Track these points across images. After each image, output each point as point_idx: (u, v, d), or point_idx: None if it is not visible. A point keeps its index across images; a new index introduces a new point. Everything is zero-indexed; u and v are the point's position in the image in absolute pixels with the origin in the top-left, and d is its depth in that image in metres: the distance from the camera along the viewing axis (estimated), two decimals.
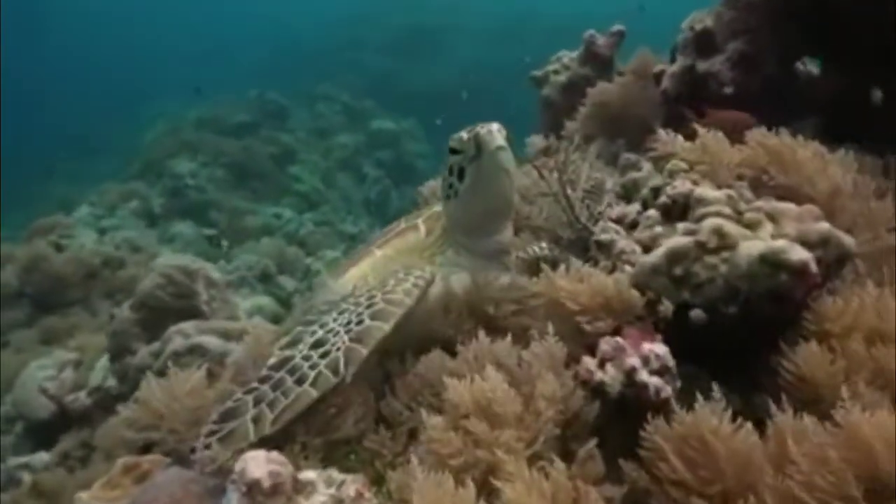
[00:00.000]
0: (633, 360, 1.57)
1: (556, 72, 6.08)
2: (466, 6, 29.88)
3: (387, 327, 1.87)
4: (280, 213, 15.79)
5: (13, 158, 22.21)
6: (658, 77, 3.97)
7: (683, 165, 2.10)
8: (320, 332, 1.89)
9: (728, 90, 3.57)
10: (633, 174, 2.84)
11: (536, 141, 5.29)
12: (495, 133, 2.07)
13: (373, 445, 1.78)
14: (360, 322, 1.89)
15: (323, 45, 29.15)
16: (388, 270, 2.14)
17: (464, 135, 2.13)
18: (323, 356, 1.82)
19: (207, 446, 1.69)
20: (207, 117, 20.06)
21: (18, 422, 6.43)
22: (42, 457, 5.46)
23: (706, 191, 1.93)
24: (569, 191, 2.18)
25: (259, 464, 1.54)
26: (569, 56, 6.07)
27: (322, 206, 17.79)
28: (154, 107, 24.54)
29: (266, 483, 1.51)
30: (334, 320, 1.93)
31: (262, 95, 21.76)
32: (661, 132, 2.34)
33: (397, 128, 22.77)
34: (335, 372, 1.78)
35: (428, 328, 2.03)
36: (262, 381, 1.80)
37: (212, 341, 3.89)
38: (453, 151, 2.16)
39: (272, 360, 1.85)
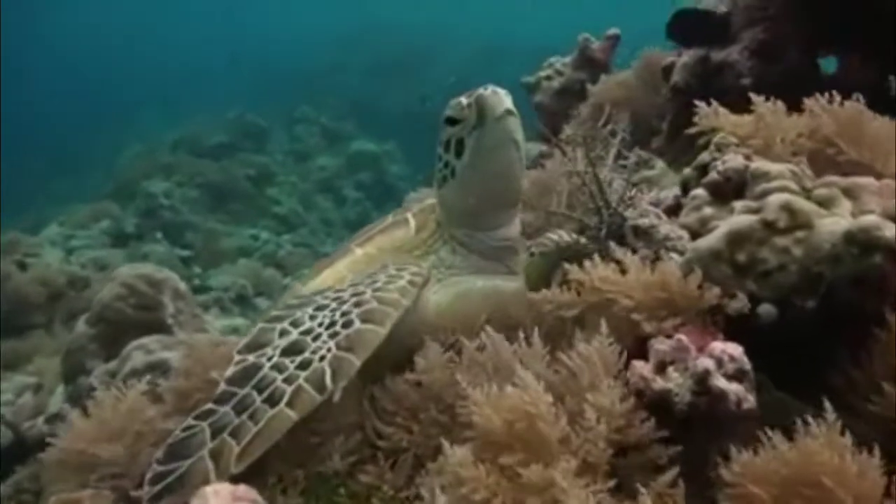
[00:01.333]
0: (706, 363, 1.22)
1: (548, 77, 5.85)
2: (447, 31, 30.02)
3: (382, 331, 1.49)
4: (257, 234, 15.42)
5: None
6: (667, 70, 3.69)
7: (733, 139, 1.78)
8: (294, 334, 1.51)
9: (746, 81, 3.29)
10: (646, 172, 2.55)
11: (534, 148, 5.02)
12: (501, 95, 1.73)
13: (368, 479, 1.41)
14: (347, 324, 1.51)
15: (303, 68, 29.10)
16: (371, 270, 1.78)
17: (463, 100, 1.77)
18: (302, 366, 1.43)
19: (154, 498, 1.29)
20: (184, 138, 19.76)
21: None
22: None
23: (766, 164, 1.61)
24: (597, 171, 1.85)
25: (223, 500, 1.17)
26: (561, 61, 5.85)
27: (300, 229, 17.49)
28: (132, 127, 24.24)
29: None
30: (311, 318, 1.55)
31: (241, 117, 21.50)
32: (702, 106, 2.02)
33: (378, 149, 22.61)
34: (319, 388, 1.39)
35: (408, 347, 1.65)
36: (221, 400, 1.40)
37: (176, 357, 3.44)
38: (450, 122, 1.80)
39: (231, 371, 1.45)
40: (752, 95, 1.91)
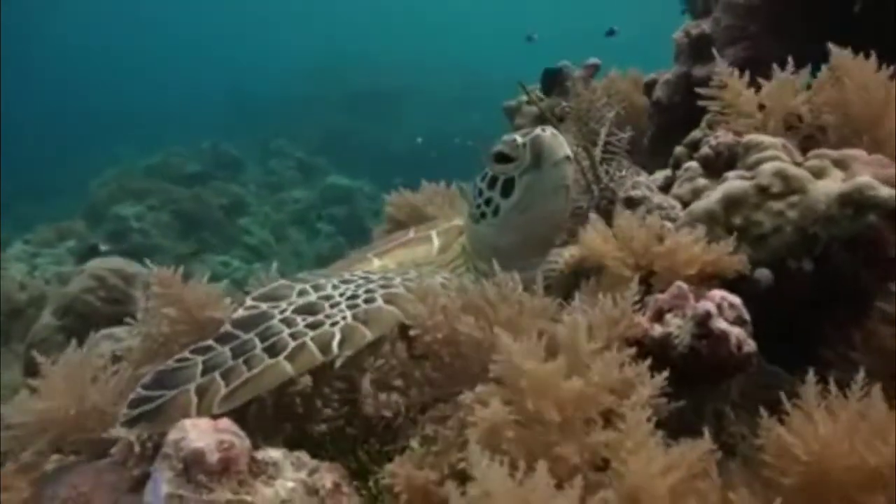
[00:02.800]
0: (708, 304, 1.20)
1: (529, 102, 5.94)
2: (423, 68, 30.46)
3: (402, 316, 1.43)
4: (228, 262, 15.27)
5: None
6: (649, 86, 3.76)
7: (724, 119, 1.80)
8: (313, 296, 1.47)
9: None
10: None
11: None
12: (561, 140, 1.68)
13: (354, 432, 1.35)
14: (370, 300, 1.47)
15: (278, 100, 29.26)
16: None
17: (518, 138, 1.71)
18: (311, 326, 1.39)
19: (131, 421, 1.22)
20: (158, 165, 19.67)
21: None
22: None
23: (759, 136, 1.63)
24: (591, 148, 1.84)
25: (203, 432, 1.11)
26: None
27: (271, 259, 17.30)
28: (105, 154, 24.05)
29: (212, 457, 1.07)
30: (334, 287, 1.51)
31: (216, 147, 21.50)
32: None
33: (352, 184, 22.68)
34: (324, 350, 1.34)
35: None
36: (221, 339, 1.35)
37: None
38: (500, 159, 1.72)
39: (239, 313, 1.41)
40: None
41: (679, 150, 1.84)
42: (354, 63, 30.66)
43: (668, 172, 1.88)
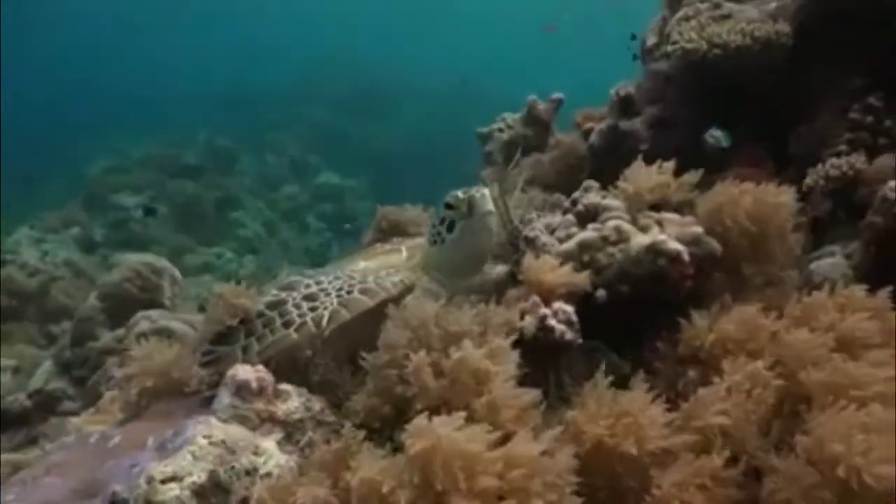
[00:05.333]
0: (546, 311, 2.04)
1: (500, 130, 6.70)
2: (416, 67, 30.90)
3: (371, 303, 2.23)
4: (221, 253, 15.96)
5: None
6: (587, 133, 4.60)
7: (595, 184, 2.64)
8: (314, 287, 2.27)
9: (644, 147, 4.19)
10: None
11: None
12: (488, 198, 2.45)
13: (334, 378, 2.17)
14: (350, 292, 2.27)
15: (274, 96, 29.58)
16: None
17: (460, 194, 2.47)
18: (312, 309, 2.20)
19: (204, 364, 2.06)
20: (154, 155, 20.19)
21: None
22: None
23: (611, 201, 2.47)
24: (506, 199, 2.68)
25: (247, 371, 1.94)
26: (512, 117, 6.71)
27: (262, 252, 17.98)
28: (99, 143, 24.41)
29: (254, 385, 1.91)
30: (329, 283, 2.31)
31: (211, 140, 22.04)
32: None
33: (342, 183, 23.28)
34: (317, 325, 2.15)
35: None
36: (257, 316, 2.17)
37: (178, 325, 4.20)
38: (447, 206, 2.49)
39: (268, 299, 2.23)
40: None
41: (566, 203, 2.67)
42: (349, 61, 30.95)
43: (560, 216, 2.70)
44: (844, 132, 3.31)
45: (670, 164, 2.62)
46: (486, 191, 2.46)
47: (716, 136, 4.10)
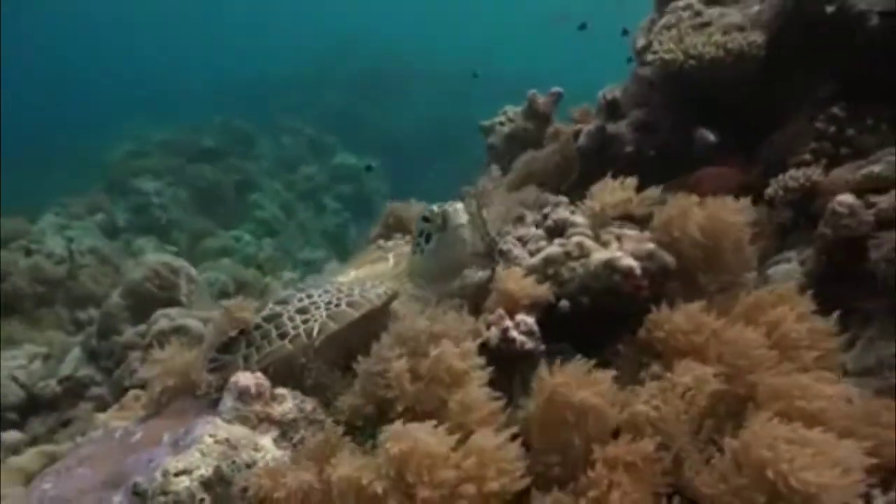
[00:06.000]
0: (508, 323, 2.32)
1: (501, 123, 6.94)
2: (431, 48, 30.96)
3: (356, 314, 2.50)
4: (239, 236, 16.34)
5: None
6: (576, 135, 4.82)
7: (564, 199, 2.89)
8: (306, 301, 2.55)
9: (629, 149, 4.42)
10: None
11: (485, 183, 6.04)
12: (460, 212, 2.69)
13: (325, 380, 2.47)
14: (338, 305, 2.55)
15: (290, 79, 29.79)
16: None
17: (435, 208, 2.74)
18: (304, 322, 2.48)
19: (211, 370, 2.36)
20: (172, 140, 20.53)
21: None
22: (13, 434, 5.95)
23: (577, 217, 2.72)
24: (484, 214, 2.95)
25: (248, 378, 2.24)
26: (514, 110, 6.94)
27: (280, 234, 18.32)
28: (120, 125, 24.79)
29: (253, 390, 2.21)
30: (319, 296, 2.58)
31: (228, 122, 22.32)
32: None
33: (359, 163, 23.50)
34: (309, 336, 2.44)
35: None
36: (256, 327, 2.47)
37: (194, 323, 4.56)
38: (425, 219, 2.76)
39: (265, 312, 2.52)
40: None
41: (538, 218, 2.93)
42: (365, 43, 31.03)
43: (534, 229, 2.96)
44: (811, 141, 3.52)
45: (632, 180, 2.87)
46: (459, 206, 2.72)
47: (704, 135, 4.32)
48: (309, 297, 2.57)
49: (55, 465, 2.38)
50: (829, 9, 3.40)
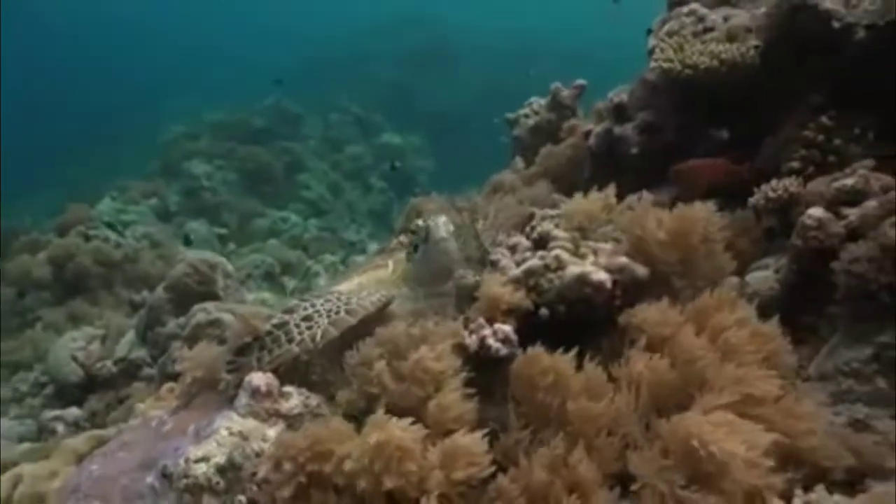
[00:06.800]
0: (486, 331, 2.62)
1: (526, 116, 7.15)
2: (479, 26, 30.91)
3: (353, 321, 2.83)
4: (286, 217, 16.90)
5: (33, 144, 23.41)
6: (587, 135, 5.03)
7: (551, 212, 3.16)
8: (310, 310, 2.90)
9: (634, 150, 4.62)
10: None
11: (507, 176, 6.29)
12: (441, 227, 3.01)
13: (329, 377, 2.82)
14: (338, 312, 2.89)
15: (338, 57, 30.15)
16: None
17: (420, 223, 3.10)
18: (308, 328, 2.84)
19: (229, 371, 2.74)
20: (224, 121, 21.19)
21: (48, 385, 7.54)
22: (73, 411, 6.56)
23: (559, 232, 2.99)
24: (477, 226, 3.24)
25: (259, 378, 2.60)
26: (538, 103, 7.15)
27: (327, 214, 18.81)
28: (172, 105, 25.59)
29: (263, 389, 2.57)
30: (322, 304, 2.93)
31: (278, 103, 22.85)
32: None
33: (404, 143, 23.85)
34: (312, 340, 2.79)
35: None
36: (267, 333, 2.83)
37: (227, 317, 5.02)
38: (412, 231, 3.13)
39: (275, 320, 2.88)
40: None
41: (528, 229, 3.20)
42: (413, 21, 31.10)
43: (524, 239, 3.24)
44: (801, 148, 3.68)
45: (611, 191, 3.14)
46: (441, 220, 3.05)
47: (716, 133, 4.48)
48: (313, 306, 2.91)
49: (102, 449, 2.80)
50: (817, 24, 3.54)
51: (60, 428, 6.23)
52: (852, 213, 3.05)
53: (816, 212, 3.04)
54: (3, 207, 14.79)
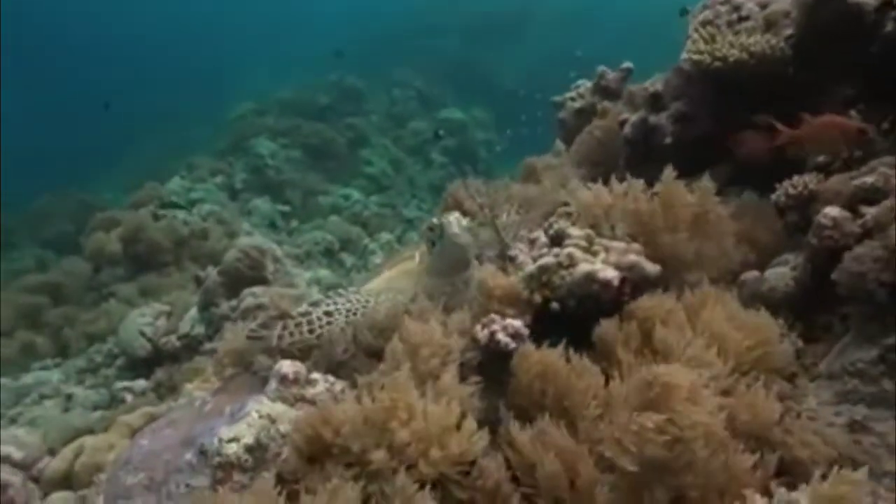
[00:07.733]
0: (496, 326, 2.79)
1: (572, 99, 7.17)
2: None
3: (366, 323, 3.07)
4: (348, 194, 17.29)
5: (108, 122, 24.50)
6: (622, 124, 5.07)
7: (570, 209, 3.28)
8: (332, 307, 3.16)
9: (668, 140, 4.64)
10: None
11: (547, 159, 6.38)
12: (454, 224, 3.22)
13: (353, 364, 3.05)
14: (356, 312, 3.15)
15: (400, 31, 30.22)
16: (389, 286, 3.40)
17: (435, 220, 3.32)
18: (328, 323, 3.10)
19: (251, 339, 3.03)
20: (289, 99, 21.70)
21: (120, 357, 8.11)
22: (141, 383, 7.08)
23: (574, 230, 3.12)
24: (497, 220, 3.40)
25: (287, 365, 2.85)
26: (585, 86, 7.15)
27: (388, 190, 19.11)
28: (240, 81, 26.26)
29: (291, 376, 2.82)
30: (343, 304, 3.19)
31: (342, 80, 23.22)
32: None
33: (465, 117, 23.88)
34: (329, 335, 3.05)
35: None
36: (291, 318, 3.09)
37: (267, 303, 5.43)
38: (430, 228, 3.32)
39: (301, 309, 3.14)
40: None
41: (546, 225, 3.33)
42: None
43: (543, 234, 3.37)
44: None
45: (638, 183, 3.24)
46: (453, 218, 3.25)
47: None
48: (335, 303, 3.16)
49: (152, 425, 3.11)
50: (844, 16, 3.51)
51: (129, 398, 6.75)
52: (869, 212, 3.06)
53: (832, 211, 3.06)
54: (87, 184, 15.62)
